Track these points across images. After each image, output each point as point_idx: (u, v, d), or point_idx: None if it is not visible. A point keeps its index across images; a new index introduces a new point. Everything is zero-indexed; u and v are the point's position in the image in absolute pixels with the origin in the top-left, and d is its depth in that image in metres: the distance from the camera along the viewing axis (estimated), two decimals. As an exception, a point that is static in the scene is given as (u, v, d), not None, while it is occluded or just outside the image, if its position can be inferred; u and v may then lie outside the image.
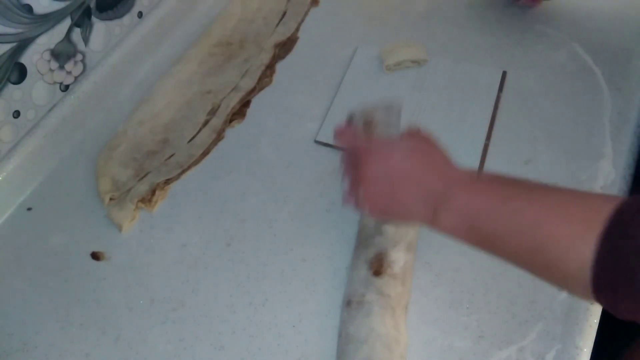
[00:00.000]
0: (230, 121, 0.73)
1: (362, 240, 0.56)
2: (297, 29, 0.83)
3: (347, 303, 0.52)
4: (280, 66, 0.79)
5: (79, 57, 0.72)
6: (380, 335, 0.49)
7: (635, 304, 0.31)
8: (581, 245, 0.33)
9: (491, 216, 0.41)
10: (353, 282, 0.54)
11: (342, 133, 0.55)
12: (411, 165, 0.48)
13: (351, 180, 0.52)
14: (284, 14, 0.85)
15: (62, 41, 0.68)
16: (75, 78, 0.72)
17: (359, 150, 0.52)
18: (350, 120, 0.58)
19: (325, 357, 0.52)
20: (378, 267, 0.53)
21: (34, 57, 0.65)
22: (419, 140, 0.51)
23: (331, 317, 0.54)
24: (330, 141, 0.68)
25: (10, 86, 0.63)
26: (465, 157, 0.63)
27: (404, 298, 0.53)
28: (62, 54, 0.69)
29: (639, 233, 0.30)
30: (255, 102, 0.75)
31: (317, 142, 0.69)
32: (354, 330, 0.50)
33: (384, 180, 0.49)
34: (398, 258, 0.53)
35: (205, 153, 0.69)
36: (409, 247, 0.55)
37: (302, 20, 0.84)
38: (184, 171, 0.68)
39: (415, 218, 0.48)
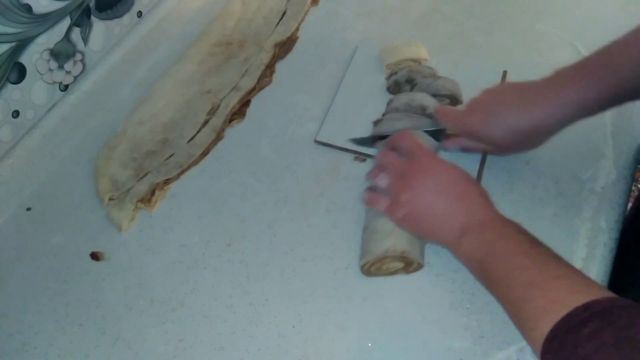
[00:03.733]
0: (230, 121, 0.72)
1: None
2: (297, 29, 0.83)
3: None
4: (280, 66, 0.79)
5: (78, 56, 0.71)
6: (404, 230, 0.54)
7: None
8: (542, 323, 0.40)
9: (497, 262, 0.47)
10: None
11: (402, 135, 0.58)
12: (462, 190, 0.52)
13: (394, 183, 0.55)
14: (284, 13, 0.85)
15: (61, 41, 0.68)
16: (75, 78, 0.72)
17: (418, 157, 0.55)
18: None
19: (325, 357, 0.52)
20: None
21: (33, 56, 0.64)
22: (462, 170, 0.54)
23: (331, 317, 0.54)
24: (330, 141, 0.68)
25: (10, 86, 0.63)
26: (467, 157, 0.63)
27: None
28: (61, 54, 0.68)
29: (571, 341, 0.38)
30: (255, 101, 0.75)
31: (317, 142, 0.68)
32: (381, 225, 0.55)
33: (436, 195, 0.52)
34: None
35: (205, 153, 0.69)
36: None
37: (302, 20, 0.84)
38: (183, 171, 0.68)
39: (441, 239, 0.52)
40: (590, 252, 0.55)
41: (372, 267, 0.55)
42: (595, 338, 0.36)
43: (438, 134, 0.62)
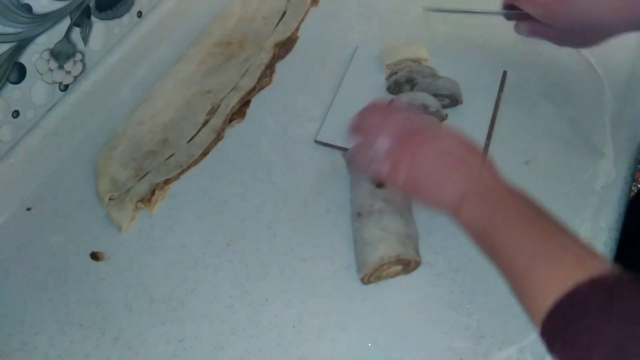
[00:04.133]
0: (230, 121, 0.72)
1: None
2: (297, 29, 0.83)
3: (358, 214, 0.57)
4: (280, 66, 0.79)
5: (78, 56, 0.71)
6: (393, 234, 0.54)
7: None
8: (546, 296, 0.38)
9: (499, 230, 0.45)
10: (359, 197, 0.58)
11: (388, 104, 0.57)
12: (463, 155, 0.50)
13: (395, 147, 0.51)
14: (284, 13, 0.85)
15: (61, 41, 0.68)
16: (75, 78, 0.72)
17: (418, 121, 0.53)
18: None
19: (325, 357, 0.52)
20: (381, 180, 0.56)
21: (33, 56, 0.64)
22: (465, 136, 0.52)
23: (331, 317, 0.54)
24: (330, 141, 0.68)
25: (10, 86, 0.63)
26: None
27: (409, 202, 0.58)
28: (61, 54, 0.68)
29: (577, 313, 0.36)
30: (255, 102, 0.75)
31: (317, 142, 0.68)
32: (368, 234, 0.55)
33: (437, 159, 0.50)
34: None
35: (205, 153, 0.69)
36: None
37: (302, 20, 0.84)
38: (183, 171, 0.68)
39: (441, 204, 0.50)
40: (590, 252, 0.55)
41: (371, 277, 0.55)
42: (603, 311, 0.36)
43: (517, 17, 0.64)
